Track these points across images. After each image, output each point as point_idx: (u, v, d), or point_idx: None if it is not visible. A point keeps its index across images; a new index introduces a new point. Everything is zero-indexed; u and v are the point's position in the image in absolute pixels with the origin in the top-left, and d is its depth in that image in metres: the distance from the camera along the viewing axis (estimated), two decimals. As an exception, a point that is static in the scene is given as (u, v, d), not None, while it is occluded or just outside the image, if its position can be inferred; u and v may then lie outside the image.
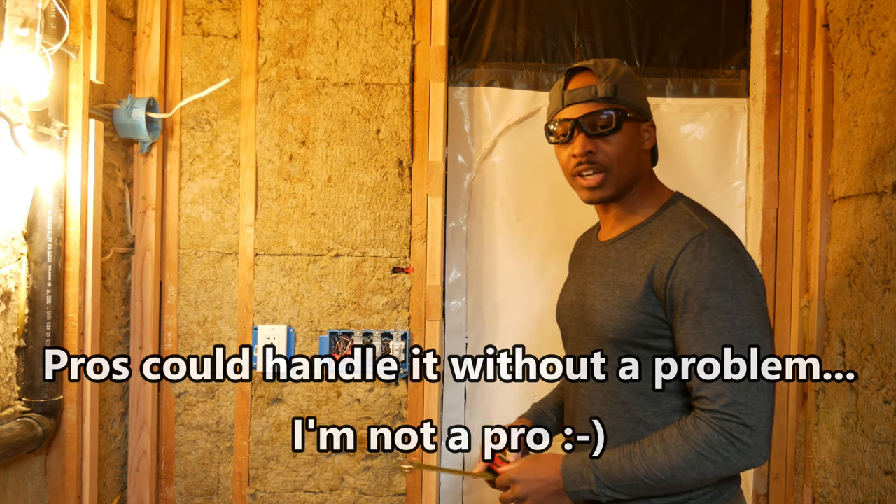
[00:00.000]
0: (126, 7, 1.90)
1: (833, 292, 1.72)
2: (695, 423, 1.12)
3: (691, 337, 1.14)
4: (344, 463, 2.00)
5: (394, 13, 2.00)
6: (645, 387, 1.21)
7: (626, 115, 1.25)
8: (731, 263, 1.14)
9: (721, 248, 1.15)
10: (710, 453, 1.10)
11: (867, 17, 1.59)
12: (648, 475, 1.13)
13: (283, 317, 2.00)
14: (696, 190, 2.15)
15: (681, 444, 1.12)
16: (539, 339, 2.15)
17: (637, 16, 2.15)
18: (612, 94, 1.24)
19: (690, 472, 1.11)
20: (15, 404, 1.53)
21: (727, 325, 1.11)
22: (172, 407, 2.02)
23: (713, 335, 1.12)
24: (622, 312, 1.21)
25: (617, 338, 1.22)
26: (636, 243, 1.26)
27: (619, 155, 1.25)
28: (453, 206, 2.18)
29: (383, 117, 2.00)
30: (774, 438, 2.00)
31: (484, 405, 2.18)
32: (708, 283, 1.12)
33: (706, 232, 1.16)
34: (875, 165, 1.52)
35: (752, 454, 1.10)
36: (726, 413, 1.09)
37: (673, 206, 1.26)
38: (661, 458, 1.13)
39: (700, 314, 1.13)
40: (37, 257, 1.55)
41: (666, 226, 1.23)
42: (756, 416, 1.09)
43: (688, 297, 1.14)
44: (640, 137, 1.28)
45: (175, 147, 2.01)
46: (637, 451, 1.15)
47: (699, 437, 1.11)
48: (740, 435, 1.09)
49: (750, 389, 1.09)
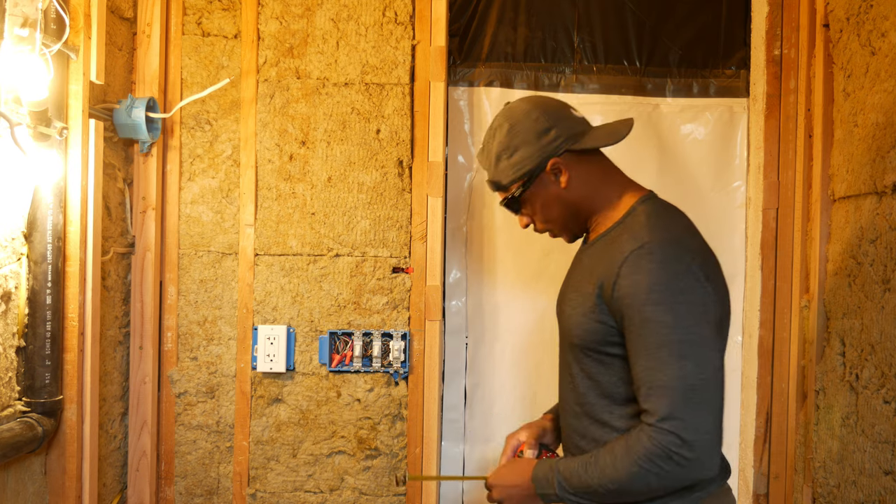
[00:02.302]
0: (126, 7, 1.90)
1: (833, 292, 1.72)
2: (637, 436, 1.13)
3: (634, 349, 1.15)
4: (344, 463, 2.00)
5: (394, 13, 2.00)
6: (608, 390, 1.24)
7: (515, 196, 1.31)
8: (670, 276, 1.13)
9: (660, 261, 1.14)
10: (652, 467, 1.11)
11: (867, 17, 1.59)
12: (601, 485, 1.16)
13: (283, 317, 2.00)
14: (696, 190, 2.15)
15: (625, 457, 1.14)
16: (539, 339, 2.15)
17: (637, 16, 2.15)
18: (496, 187, 1.34)
19: (636, 484, 1.13)
20: (15, 404, 1.53)
21: (664, 339, 1.11)
22: (172, 407, 2.02)
23: (654, 348, 1.12)
24: (581, 319, 1.25)
25: (578, 343, 1.26)
26: (599, 251, 1.27)
27: (546, 217, 1.34)
28: (453, 206, 2.18)
29: (383, 117, 2.00)
30: (774, 438, 2.01)
31: (484, 405, 2.18)
32: (644, 296, 1.13)
33: (646, 244, 1.16)
34: (875, 165, 1.52)
35: (694, 468, 1.10)
36: (664, 428, 1.10)
37: (633, 213, 1.26)
38: (610, 470, 1.15)
39: (641, 327, 1.14)
40: (37, 257, 1.55)
41: (622, 234, 1.24)
42: (694, 431, 1.09)
43: (629, 310, 1.15)
44: (548, 188, 1.29)
45: (175, 147, 2.01)
46: (592, 462, 1.18)
47: (641, 450, 1.12)
48: (678, 450, 1.09)
49: (688, 404, 1.09)
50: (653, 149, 2.15)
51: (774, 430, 2.00)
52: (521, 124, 1.27)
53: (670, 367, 1.10)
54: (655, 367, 1.11)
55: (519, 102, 1.31)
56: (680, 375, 1.09)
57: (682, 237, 1.20)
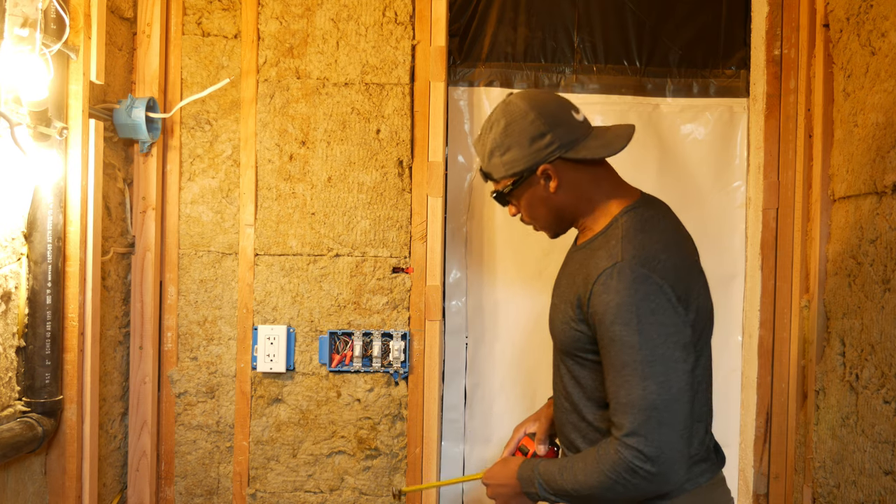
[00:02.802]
0: (126, 7, 1.90)
1: (833, 292, 1.72)
2: (606, 447, 1.18)
3: (605, 364, 1.20)
4: (344, 463, 2.00)
5: (394, 13, 2.00)
6: (592, 393, 1.29)
7: (504, 192, 1.32)
8: (637, 297, 1.14)
9: (629, 282, 1.15)
10: (618, 478, 1.15)
11: (867, 17, 1.59)
12: (574, 489, 1.21)
13: (283, 317, 2.00)
14: (696, 190, 2.15)
15: (595, 467, 1.18)
16: (539, 339, 2.15)
17: (637, 16, 2.15)
18: (487, 178, 1.36)
19: (606, 492, 1.18)
20: (15, 404, 1.53)
21: (629, 358, 1.14)
22: (172, 407, 2.02)
23: (619, 367, 1.16)
24: (562, 326, 1.29)
25: (562, 348, 1.31)
26: (582, 260, 1.29)
27: (531, 215, 1.35)
28: (453, 206, 2.18)
29: (383, 117, 2.00)
30: (774, 438, 2.01)
31: (484, 405, 2.18)
32: (612, 316, 1.16)
33: (617, 264, 1.17)
34: (875, 165, 1.52)
35: (657, 482, 1.14)
36: (628, 443, 1.14)
37: (614, 225, 1.27)
38: (581, 476, 1.20)
39: (609, 345, 1.17)
40: (37, 257, 1.55)
41: (600, 247, 1.25)
42: (656, 448, 1.12)
43: (599, 327, 1.19)
44: (537, 191, 1.30)
45: (175, 147, 2.01)
46: (568, 467, 1.23)
47: (608, 462, 1.16)
48: (642, 464, 1.13)
49: (650, 422, 1.13)
50: (653, 149, 2.15)
51: (774, 430, 2.00)
52: (516, 124, 1.27)
53: (634, 387, 1.14)
54: (620, 385, 1.15)
55: (518, 100, 1.29)
56: (642, 395, 1.13)
57: (657, 255, 1.19)
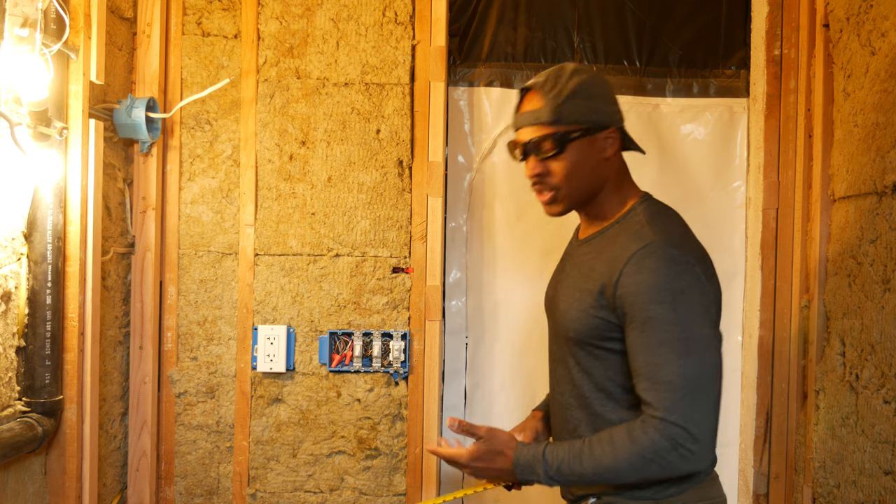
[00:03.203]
0: (126, 7, 1.90)
1: (833, 292, 1.72)
2: (643, 427, 1.17)
3: (637, 346, 1.19)
4: (344, 463, 2.00)
5: (394, 13, 2.00)
6: (603, 384, 1.28)
7: (570, 137, 1.26)
8: (672, 276, 1.17)
9: (664, 261, 1.18)
10: (655, 457, 1.15)
11: (867, 17, 1.59)
12: (595, 474, 1.20)
13: (283, 317, 2.00)
14: (696, 190, 2.15)
15: (628, 448, 1.17)
16: (539, 339, 2.15)
17: (637, 16, 2.15)
18: (557, 116, 1.26)
19: (634, 474, 1.18)
20: (15, 404, 1.53)
21: (668, 336, 1.16)
22: (172, 407, 2.02)
23: (657, 345, 1.16)
24: (578, 315, 1.27)
25: (575, 337, 1.29)
26: (597, 248, 1.30)
27: (568, 174, 1.28)
28: (453, 206, 2.18)
29: (383, 117, 2.00)
30: (774, 438, 2.01)
31: (484, 405, 2.18)
32: (649, 295, 1.17)
33: (650, 244, 1.20)
34: (875, 165, 1.52)
35: (696, 460, 1.15)
36: (670, 421, 1.14)
37: (632, 213, 1.29)
38: (608, 459, 1.19)
39: (644, 325, 1.18)
40: (37, 257, 1.55)
41: (621, 233, 1.27)
42: (698, 425, 1.14)
43: (632, 307, 1.19)
44: (594, 150, 1.29)
45: (175, 147, 2.01)
46: (586, 451, 1.21)
47: (647, 441, 1.16)
48: (684, 442, 1.14)
49: (691, 398, 1.14)
50: (653, 149, 2.15)
51: (774, 430, 2.00)
52: (599, 82, 1.30)
53: (673, 364, 1.15)
54: (659, 364, 1.16)
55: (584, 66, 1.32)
56: (682, 372, 1.14)
57: (683, 238, 1.24)
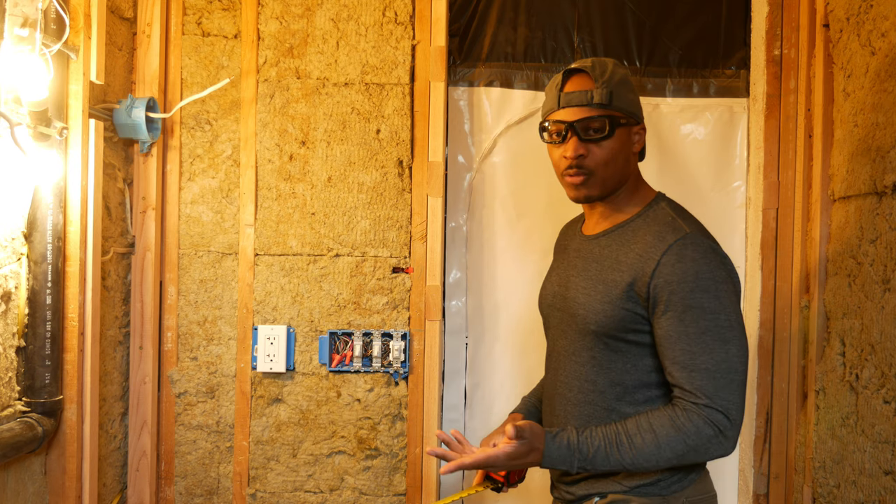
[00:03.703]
0: (126, 7, 1.90)
1: (833, 292, 1.72)
2: (687, 415, 1.18)
3: (675, 334, 1.20)
4: (344, 463, 2.00)
5: (394, 13, 2.00)
6: (621, 378, 1.28)
7: (619, 122, 1.28)
8: (713, 266, 1.20)
9: (703, 251, 1.21)
10: (699, 444, 1.17)
11: (867, 17, 1.59)
12: (633, 464, 1.20)
13: (283, 317, 2.00)
14: (696, 190, 2.15)
15: (672, 436, 1.18)
16: (539, 339, 2.15)
17: (637, 16, 2.15)
18: (608, 100, 1.27)
19: (673, 461, 1.20)
20: (15, 404, 1.53)
21: (710, 324, 1.18)
22: (172, 407, 2.02)
23: (697, 333, 1.18)
24: (604, 307, 1.27)
25: (598, 330, 1.29)
26: (619, 241, 1.31)
27: (608, 159, 1.29)
28: (453, 206, 2.18)
29: (383, 117, 2.00)
30: (774, 438, 2.01)
31: (484, 405, 2.18)
32: (692, 284, 1.19)
33: (689, 235, 1.23)
34: (875, 165, 1.52)
35: (729, 446, 1.19)
36: (715, 407, 1.17)
37: (656, 207, 1.32)
38: (651, 448, 1.19)
39: (684, 313, 1.19)
40: (37, 257, 1.55)
41: (649, 226, 1.28)
42: (737, 410, 1.18)
43: (672, 296, 1.20)
44: (629, 141, 1.32)
45: (175, 147, 2.01)
46: (625, 441, 1.21)
47: (692, 429, 1.17)
48: (725, 428, 1.17)
49: (732, 385, 1.18)
50: (653, 149, 2.15)
51: (774, 430, 2.01)
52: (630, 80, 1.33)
53: (715, 352, 1.17)
54: (699, 352, 1.18)
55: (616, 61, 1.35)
56: (724, 359, 1.17)
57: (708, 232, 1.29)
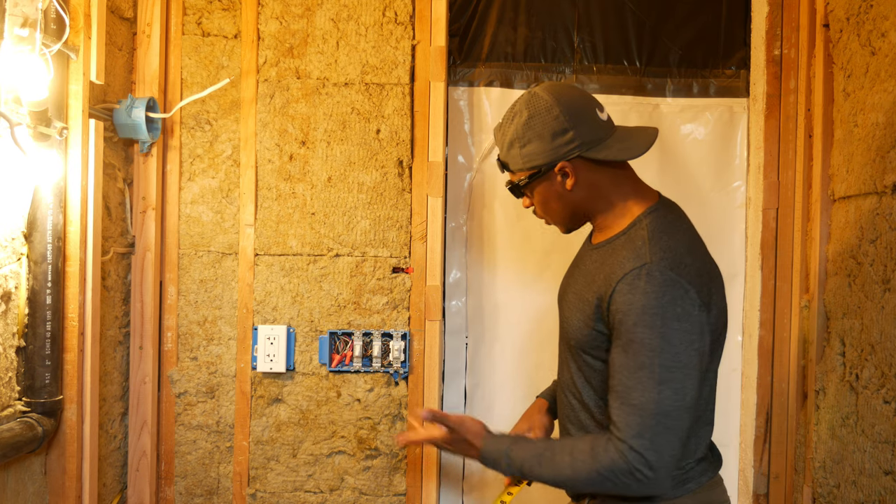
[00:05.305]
0: (126, 7, 1.90)
1: (833, 292, 1.72)
2: (606, 446, 1.17)
3: (616, 364, 1.18)
4: (344, 463, 2.00)
5: (394, 13, 2.00)
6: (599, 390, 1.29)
7: (521, 185, 1.32)
8: (665, 301, 1.13)
9: (658, 284, 1.14)
10: (612, 476, 1.16)
11: (867, 17, 1.59)
12: (552, 479, 1.24)
13: (283, 317, 2.00)
14: (696, 190, 2.15)
15: (587, 462, 1.18)
16: (539, 339, 2.15)
17: (637, 16, 2.15)
18: (504, 168, 1.35)
19: (589, 487, 1.21)
20: (15, 404, 1.53)
21: (647, 361, 1.13)
22: (172, 407, 2.02)
23: (635, 368, 1.14)
24: (578, 324, 1.28)
25: (575, 345, 1.31)
26: (601, 259, 1.29)
27: (545, 209, 1.35)
28: (453, 206, 2.18)
29: (383, 117, 2.00)
30: (774, 438, 2.01)
31: (484, 405, 2.18)
32: (636, 317, 1.14)
33: (646, 265, 1.16)
34: (875, 165, 1.52)
35: (651, 486, 1.16)
36: (633, 446, 1.14)
37: (638, 226, 1.25)
38: (566, 470, 1.21)
39: (627, 346, 1.16)
40: (37, 257, 1.55)
41: (624, 246, 1.24)
42: (658, 454, 1.13)
43: (620, 326, 1.17)
44: (553, 186, 1.29)
45: (175, 147, 2.01)
46: (547, 457, 1.23)
47: (606, 461, 1.16)
48: (641, 468, 1.14)
49: (657, 427, 1.13)
50: (653, 149, 2.12)
51: (774, 430, 2.00)
52: (540, 118, 1.25)
53: (649, 391, 1.13)
54: (632, 387, 1.14)
55: (544, 92, 1.27)
56: (657, 400, 1.13)
57: (682, 259, 1.18)
